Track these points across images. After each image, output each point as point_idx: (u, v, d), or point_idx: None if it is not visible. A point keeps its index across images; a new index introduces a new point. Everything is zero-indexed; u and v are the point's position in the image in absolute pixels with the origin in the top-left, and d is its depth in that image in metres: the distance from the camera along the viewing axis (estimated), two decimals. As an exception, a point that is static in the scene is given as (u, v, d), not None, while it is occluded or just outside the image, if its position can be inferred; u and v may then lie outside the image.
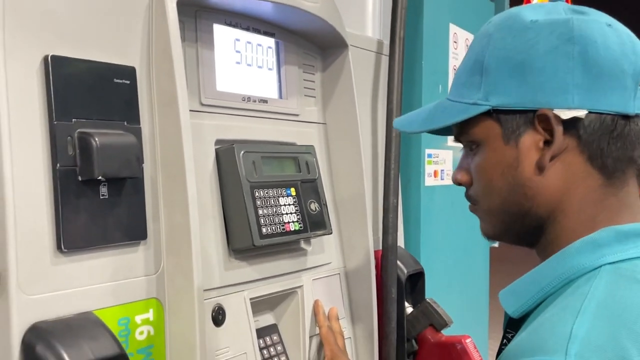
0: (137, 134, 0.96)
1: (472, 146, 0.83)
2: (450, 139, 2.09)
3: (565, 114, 0.74)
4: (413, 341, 1.52)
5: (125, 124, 0.95)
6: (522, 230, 0.82)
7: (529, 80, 0.75)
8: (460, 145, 0.88)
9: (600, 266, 0.72)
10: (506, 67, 0.77)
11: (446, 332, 1.52)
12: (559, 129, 0.74)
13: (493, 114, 0.79)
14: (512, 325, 0.83)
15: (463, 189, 0.88)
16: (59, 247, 0.86)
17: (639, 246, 0.73)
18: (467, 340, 1.45)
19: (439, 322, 1.50)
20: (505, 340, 0.85)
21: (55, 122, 0.86)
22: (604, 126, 0.74)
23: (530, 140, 0.77)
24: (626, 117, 0.74)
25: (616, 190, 0.76)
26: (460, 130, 0.84)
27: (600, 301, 0.66)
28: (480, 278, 2.39)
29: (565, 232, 0.78)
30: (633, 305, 0.65)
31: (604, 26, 0.75)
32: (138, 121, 0.97)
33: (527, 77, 0.76)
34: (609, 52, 0.74)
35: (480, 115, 0.80)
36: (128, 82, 0.96)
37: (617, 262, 0.72)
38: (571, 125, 0.74)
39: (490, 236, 0.87)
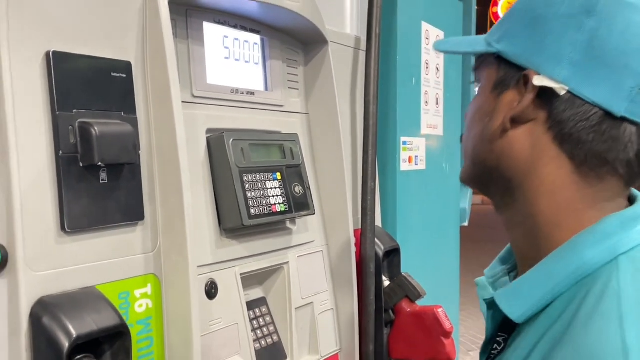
0: (134, 123, 0.96)
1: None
2: (423, 127, 2.10)
3: (541, 81, 0.65)
4: (390, 311, 1.54)
5: (123, 114, 0.95)
6: (492, 184, 0.75)
7: (536, 38, 0.68)
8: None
9: (615, 258, 0.63)
10: (525, 17, 0.69)
11: (420, 303, 1.54)
12: (528, 96, 0.67)
13: (497, 59, 0.71)
14: (505, 328, 0.73)
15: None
16: (62, 228, 0.87)
17: None
18: (439, 310, 1.48)
19: (413, 294, 1.53)
20: (496, 345, 0.74)
21: (57, 113, 0.86)
22: (580, 113, 0.65)
23: (510, 97, 0.70)
24: (609, 115, 0.64)
25: (592, 181, 0.67)
26: (476, 65, 0.78)
27: (638, 299, 0.59)
28: (451, 254, 2.41)
29: (543, 213, 0.69)
30: None
31: (638, 12, 0.63)
32: (134, 111, 0.97)
33: (536, 33, 0.68)
34: (621, 40, 0.63)
35: (491, 56, 0.72)
36: (124, 75, 0.96)
37: (628, 251, 0.64)
38: (547, 97, 0.66)
39: (463, 179, 0.80)
